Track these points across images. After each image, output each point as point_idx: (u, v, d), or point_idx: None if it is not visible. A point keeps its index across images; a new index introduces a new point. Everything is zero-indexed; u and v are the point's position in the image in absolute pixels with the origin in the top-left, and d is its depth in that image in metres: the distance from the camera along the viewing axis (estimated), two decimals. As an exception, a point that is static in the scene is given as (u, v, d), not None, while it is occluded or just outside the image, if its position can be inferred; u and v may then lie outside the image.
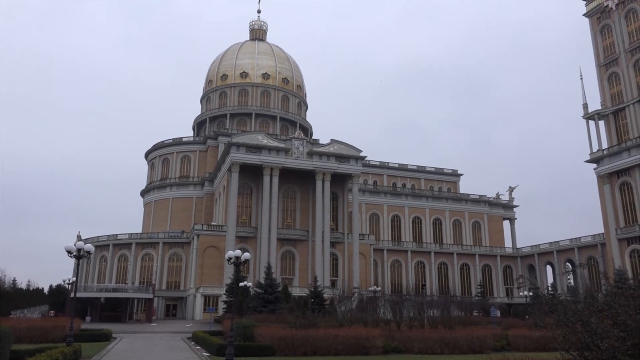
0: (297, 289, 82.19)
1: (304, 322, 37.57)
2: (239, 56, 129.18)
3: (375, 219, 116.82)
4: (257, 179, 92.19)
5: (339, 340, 32.58)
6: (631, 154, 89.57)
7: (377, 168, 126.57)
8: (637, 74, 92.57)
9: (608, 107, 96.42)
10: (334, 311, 55.24)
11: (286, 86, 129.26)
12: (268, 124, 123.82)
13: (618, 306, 11.89)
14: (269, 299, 58.29)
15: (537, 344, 34.27)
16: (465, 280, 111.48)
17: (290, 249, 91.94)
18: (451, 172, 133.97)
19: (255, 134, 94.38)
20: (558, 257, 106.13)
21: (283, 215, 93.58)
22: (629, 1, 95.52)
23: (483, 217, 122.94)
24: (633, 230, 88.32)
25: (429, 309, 57.35)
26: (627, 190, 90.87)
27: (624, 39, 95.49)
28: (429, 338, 35.11)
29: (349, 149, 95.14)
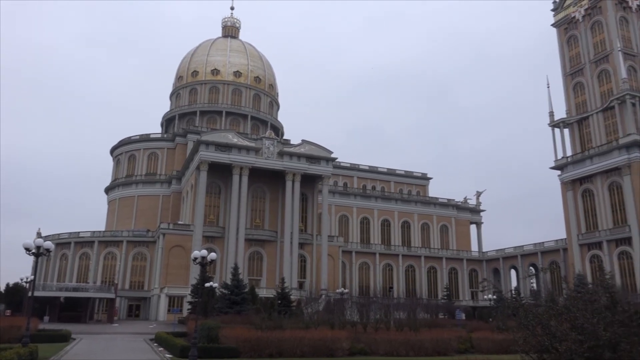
0: (264, 290, 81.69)
1: (270, 323, 37.25)
2: (210, 53, 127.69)
3: (345, 220, 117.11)
4: (226, 178, 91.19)
5: (305, 342, 32.35)
6: (593, 162, 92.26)
7: (347, 170, 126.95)
8: (601, 84, 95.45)
9: (573, 116, 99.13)
10: (300, 313, 55.05)
11: (258, 85, 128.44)
12: (239, 122, 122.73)
13: (576, 310, 12.08)
14: (235, 300, 57.62)
15: (500, 347, 34.73)
16: (432, 283, 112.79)
17: (258, 250, 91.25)
18: (420, 175, 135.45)
19: (225, 133, 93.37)
20: (522, 261, 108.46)
21: (252, 215, 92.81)
22: (595, 13, 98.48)
23: (451, 221, 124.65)
24: (593, 236, 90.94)
25: (396, 312, 57.69)
26: (589, 197, 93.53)
27: (589, 49, 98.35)
28: (395, 340, 35.21)
29: (320, 150, 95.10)
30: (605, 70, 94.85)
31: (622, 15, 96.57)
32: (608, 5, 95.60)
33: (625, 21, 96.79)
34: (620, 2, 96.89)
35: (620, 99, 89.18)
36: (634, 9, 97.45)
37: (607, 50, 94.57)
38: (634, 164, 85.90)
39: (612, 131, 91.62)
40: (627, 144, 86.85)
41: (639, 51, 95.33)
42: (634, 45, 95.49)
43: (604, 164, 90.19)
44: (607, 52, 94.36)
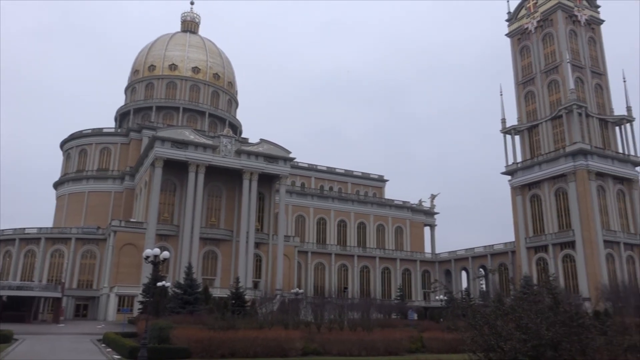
0: (218, 289, 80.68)
1: (223, 323, 36.87)
2: (168, 47, 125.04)
3: (302, 220, 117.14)
4: (181, 176, 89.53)
5: (258, 342, 32.23)
6: (542, 168, 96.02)
7: (305, 170, 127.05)
8: (551, 93, 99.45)
9: (524, 123, 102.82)
10: (255, 313, 54.68)
11: (217, 82, 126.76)
12: (196, 119, 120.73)
13: (521, 310, 12.54)
14: (188, 299, 56.58)
15: (450, 346, 35.61)
16: (386, 283, 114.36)
17: (213, 249, 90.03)
18: (377, 177, 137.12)
19: (182, 129, 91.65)
20: (473, 263, 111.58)
21: (207, 214, 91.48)
22: (547, 26, 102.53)
23: (406, 223, 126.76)
24: (540, 239, 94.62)
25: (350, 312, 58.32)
26: (537, 202, 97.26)
27: (540, 60, 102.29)
28: (348, 340, 35.55)
29: (278, 150, 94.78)
30: (554, 80, 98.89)
31: (571, 29, 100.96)
32: (559, 18, 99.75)
33: (574, 34, 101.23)
34: (570, 16, 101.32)
35: (567, 109, 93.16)
36: (583, 22, 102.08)
37: (557, 62, 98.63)
38: (579, 171, 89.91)
39: (560, 139, 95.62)
40: (573, 151, 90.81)
41: (586, 63, 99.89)
42: (581, 57, 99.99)
43: (552, 171, 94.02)
44: (557, 63, 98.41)
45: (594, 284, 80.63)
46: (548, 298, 13.28)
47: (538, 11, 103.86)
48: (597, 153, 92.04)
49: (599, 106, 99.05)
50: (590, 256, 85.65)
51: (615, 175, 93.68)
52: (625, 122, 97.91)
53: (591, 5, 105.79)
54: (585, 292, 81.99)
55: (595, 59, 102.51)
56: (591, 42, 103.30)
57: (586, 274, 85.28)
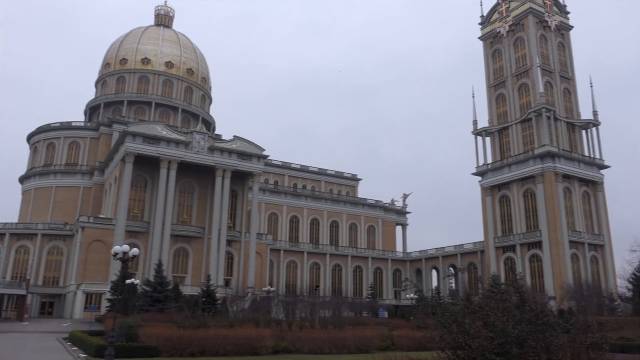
0: (189, 287, 79.86)
1: (193, 321, 36.54)
2: (141, 41, 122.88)
3: (274, 218, 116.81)
4: (152, 172, 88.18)
5: (229, 340, 32.03)
6: (511, 169, 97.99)
7: (279, 168, 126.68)
8: (521, 97, 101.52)
9: (494, 125, 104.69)
10: (225, 311, 54.37)
11: (190, 77, 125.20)
12: (169, 115, 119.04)
13: (489, 309, 12.77)
14: (158, 297, 55.84)
15: (419, 344, 36.03)
16: (358, 282, 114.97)
17: (184, 246, 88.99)
18: (351, 176, 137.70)
19: (154, 124, 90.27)
20: (443, 262, 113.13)
21: (179, 210, 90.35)
22: (518, 30, 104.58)
23: (378, 222, 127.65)
24: (508, 239, 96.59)
25: (322, 310, 58.45)
26: (506, 202, 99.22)
27: (511, 63, 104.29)
28: (319, 338, 35.64)
29: (252, 147, 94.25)
30: (525, 84, 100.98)
31: (542, 34, 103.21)
32: (530, 23, 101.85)
33: (544, 39, 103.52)
34: (541, 21, 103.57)
35: (537, 112, 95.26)
36: (553, 28, 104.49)
37: (527, 65, 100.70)
38: (546, 173, 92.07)
39: (529, 141, 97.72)
40: (541, 154, 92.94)
41: (555, 68, 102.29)
42: (551, 62, 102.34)
43: (520, 172, 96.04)
44: (527, 67, 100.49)
45: (559, 283, 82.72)
46: (515, 297, 13.54)
47: (510, 15, 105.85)
48: (564, 156, 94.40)
49: (567, 110, 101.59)
50: (556, 256, 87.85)
51: (581, 178, 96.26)
52: (591, 126, 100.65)
53: (561, 12, 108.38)
54: (551, 291, 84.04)
55: (564, 64, 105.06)
56: (560, 47, 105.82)
57: (552, 273, 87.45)
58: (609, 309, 74.01)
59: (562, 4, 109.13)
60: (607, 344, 12.58)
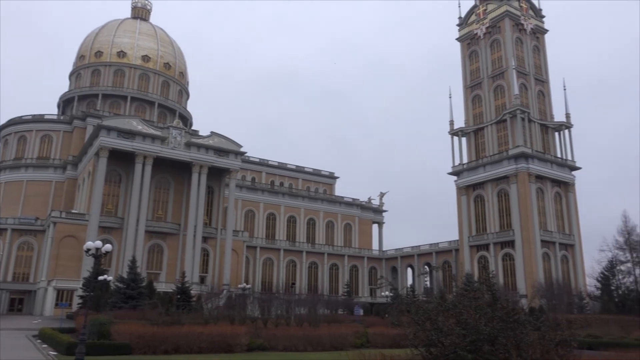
0: (163, 284, 79.07)
1: (167, 319, 36.20)
2: (117, 34, 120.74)
3: (251, 215, 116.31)
4: (127, 167, 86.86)
5: (203, 337, 31.78)
6: (486, 170, 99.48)
7: (256, 165, 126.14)
8: (497, 98, 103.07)
9: (470, 126, 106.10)
10: (200, 308, 53.98)
11: (168, 71, 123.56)
12: (145, 109, 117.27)
13: (462, 307, 12.99)
14: (131, 294, 55.07)
15: (394, 341, 36.29)
16: (334, 279, 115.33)
17: (159, 243, 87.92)
18: (328, 174, 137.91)
19: (129, 119, 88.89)
20: (418, 260, 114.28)
21: (154, 206, 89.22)
22: (495, 32, 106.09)
23: (354, 220, 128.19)
24: (482, 238, 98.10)
25: (297, 307, 58.47)
26: (481, 202, 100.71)
27: (488, 65, 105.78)
28: (294, 336, 35.63)
29: (229, 143, 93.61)
30: (500, 85, 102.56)
31: (517, 36, 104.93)
32: (506, 26, 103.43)
33: (520, 42, 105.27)
34: (517, 24, 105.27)
35: (512, 113, 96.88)
36: (528, 31, 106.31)
37: (503, 68, 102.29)
38: (520, 173, 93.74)
39: (504, 142, 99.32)
40: (515, 155, 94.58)
41: (530, 70, 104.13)
42: (526, 64, 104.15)
43: (495, 172, 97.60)
44: (503, 69, 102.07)
45: (530, 282, 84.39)
46: (487, 295, 13.78)
47: (487, 17, 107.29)
48: (537, 157, 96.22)
49: (541, 112, 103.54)
50: (528, 255, 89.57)
51: (553, 179, 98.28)
52: (564, 128, 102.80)
53: (537, 15, 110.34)
54: (523, 290, 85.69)
55: (539, 67, 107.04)
56: (536, 50, 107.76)
57: (524, 272, 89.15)
58: (578, 307, 75.90)
59: (537, 8, 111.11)
60: (575, 341, 12.90)
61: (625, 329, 44.02)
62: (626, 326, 45.77)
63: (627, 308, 69.70)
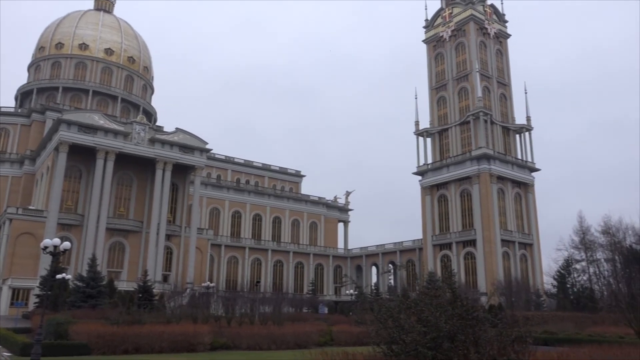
0: (124, 283, 77.39)
1: (128, 318, 35.48)
2: (79, 25, 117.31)
3: (216, 213, 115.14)
4: (88, 162, 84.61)
5: (165, 337, 31.30)
6: (450, 170, 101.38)
7: (222, 162, 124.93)
8: (461, 100, 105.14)
9: (435, 127, 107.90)
10: (163, 307, 53.10)
11: (132, 65, 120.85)
12: (107, 104, 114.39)
13: (423, 304, 13.23)
14: (91, 293, 53.74)
15: (358, 339, 36.58)
16: (299, 278, 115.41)
17: (121, 240, 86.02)
18: (294, 172, 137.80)
19: (91, 113, 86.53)
20: (383, 259, 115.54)
21: (115, 203, 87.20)
22: (460, 35, 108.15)
23: (320, 219, 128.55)
24: (445, 237, 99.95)
25: (262, 306, 58.31)
26: (444, 202, 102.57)
27: (453, 67, 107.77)
28: (258, 334, 35.50)
29: (195, 140, 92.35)
30: (464, 88, 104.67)
31: (481, 40, 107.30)
32: (471, 29, 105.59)
33: (484, 45, 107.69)
34: (481, 28, 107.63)
35: (475, 115, 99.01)
36: (492, 35, 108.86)
37: (467, 70, 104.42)
38: (482, 174, 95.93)
39: (467, 143, 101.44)
40: (478, 156, 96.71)
41: (493, 74, 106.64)
42: (489, 68, 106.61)
43: (458, 173, 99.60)
44: (467, 72, 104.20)
45: (490, 280, 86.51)
46: (448, 293, 14.08)
47: (453, 21, 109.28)
48: (499, 158, 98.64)
49: (503, 115, 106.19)
50: (489, 254, 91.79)
51: (513, 180, 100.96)
52: (524, 131, 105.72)
53: (500, 20, 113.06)
54: (483, 288, 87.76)
55: (502, 71, 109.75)
56: (498, 54, 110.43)
57: (485, 270, 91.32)
58: (535, 304, 78.27)
59: (501, 13, 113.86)
60: (531, 337, 13.29)
61: (579, 325, 45.65)
62: (580, 322, 47.47)
63: (582, 305, 72.31)
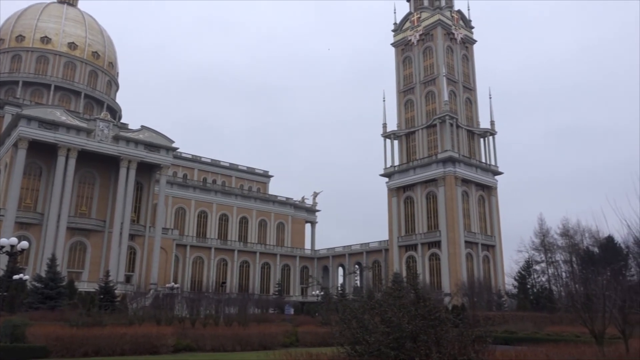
0: (85, 284, 75.60)
1: (88, 320, 34.61)
2: (41, 18, 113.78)
3: (182, 213, 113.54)
4: (49, 159, 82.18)
5: (127, 339, 30.64)
6: (416, 172, 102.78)
7: (188, 161, 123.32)
8: (428, 103, 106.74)
9: (402, 129, 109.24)
10: (125, 308, 52.12)
11: (96, 61, 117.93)
12: (70, 99, 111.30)
13: (387, 305, 13.39)
14: (50, 294, 52.25)
15: (323, 340, 36.62)
16: (266, 278, 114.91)
17: (82, 240, 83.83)
18: (262, 172, 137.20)
19: (52, 109, 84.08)
20: (349, 259, 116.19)
21: (77, 202, 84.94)
22: (428, 40, 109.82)
23: (288, 219, 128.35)
24: (411, 239, 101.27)
25: (227, 307, 57.85)
26: (410, 203, 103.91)
27: (420, 71, 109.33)
28: (223, 335, 35.15)
29: (160, 138, 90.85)
30: (431, 91, 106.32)
31: (448, 45, 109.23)
32: (438, 34, 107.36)
33: (450, 50, 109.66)
34: (448, 33, 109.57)
35: (441, 119, 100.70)
36: (458, 40, 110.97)
37: (434, 74, 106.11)
38: (447, 176, 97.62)
39: (433, 146, 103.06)
40: (443, 158, 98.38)
41: (459, 78, 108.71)
42: (456, 72, 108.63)
43: (424, 175, 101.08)
44: (434, 76, 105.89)
45: (454, 281, 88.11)
46: (412, 294, 14.28)
47: (421, 25, 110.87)
48: (464, 161, 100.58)
49: (468, 118, 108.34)
50: (453, 255, 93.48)
51: (477, 182, 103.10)
52: (488, 135, 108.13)
53: (466, 26, 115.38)
54: (447, 288, 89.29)
55: (467, 75, 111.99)
56: (465, 59, 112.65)
57: (449, 271, 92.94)
58: (497, 305, 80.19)
59: (467, 19, 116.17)
60: (491, 337, 13.61)
61: (538, 324, 47.01)
62: (539, 322, 48.89)
63: (541, 305, 74.44)
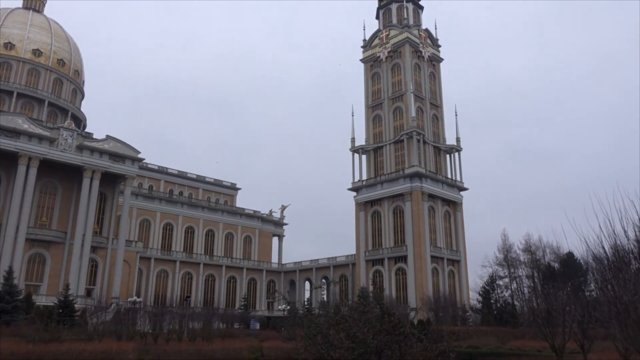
0: (44, 297, 72.89)
1: (45, 335, 33.50)
2: (5, 23, 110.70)
3: (146, 225, 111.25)
4: (9, 168, 79.51)
5: (85, 355, 29.73)
6: (383, 187, 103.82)
7: (154, 172, 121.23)
8: (395, 119, 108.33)
9: (370, 144, 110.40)
10: (85, 323, 50.55)
11: (61, 69, 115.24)
12: (33, 107, 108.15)
13: (352, 320, 13.44)
14: (5, 308, 50.26)
15: (288, 355, 36.22)
16: (231, 292, 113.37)
17: (42, 252, 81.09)
18: (230, 185, 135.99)
19: (14, 116, 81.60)
20: (316, 274, 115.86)
21: (37, 212, 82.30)
22: (396, 57, 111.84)
23: (255, 232, 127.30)
24: (378, 253, 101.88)
25: (192, 322, 56.75)
26: (377, 218, 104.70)
27: (388, 87, 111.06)
28: (186, 351, 34.50)
29: (126, 149, 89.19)
30: (399, 107, 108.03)
31: (416, 62, 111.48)
32: (406, 52, 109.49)
33: (418, 68, 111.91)
34: (416, 51, 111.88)
35: (408, 134, 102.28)
36: (426, 59, 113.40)
37: (402, 91, 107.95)
38: (414, 192, 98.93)
39: (400, 161, 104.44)
40: (410, 174, 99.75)
41: (426, 95, 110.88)
42: (423, 89, 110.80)
43: (391, 190, 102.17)
44: (402, 93, 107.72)
45: (420, 296, 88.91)
46: (377, 309, 14.37)
47: (389, 42, 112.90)
48: (430, 177, 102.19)
49: (435, 135, 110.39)
50: (419, 270, 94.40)
51: (443, 198, 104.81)
52: (454, 151, 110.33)
53: (434, 45, 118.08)
54: (413, 303, 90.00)
55: (434, 92, 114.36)
56: (432, 77, 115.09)
57: (415, 286, 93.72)
58: (461, 319, 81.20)
59: (435, 38, 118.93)
60: (454, 352, 13.84)
61: (502, 339, 47.79)
62: (502, 336, 49.72)
63: (504, 320, 75.85)
